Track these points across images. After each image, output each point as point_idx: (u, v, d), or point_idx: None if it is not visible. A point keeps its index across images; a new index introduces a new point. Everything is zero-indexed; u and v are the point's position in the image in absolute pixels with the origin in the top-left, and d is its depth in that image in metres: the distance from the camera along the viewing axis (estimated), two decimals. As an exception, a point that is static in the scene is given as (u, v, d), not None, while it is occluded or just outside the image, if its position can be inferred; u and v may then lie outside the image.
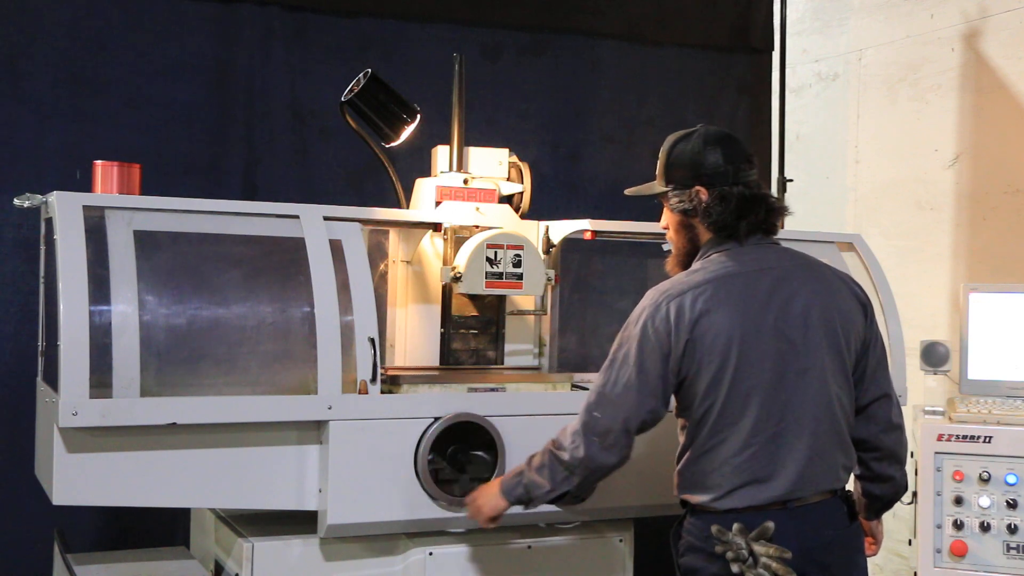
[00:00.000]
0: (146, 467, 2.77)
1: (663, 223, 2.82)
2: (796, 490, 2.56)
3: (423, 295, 3.40)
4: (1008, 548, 3.70)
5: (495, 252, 3.24)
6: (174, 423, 2.74)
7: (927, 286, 4.93)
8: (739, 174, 2.67)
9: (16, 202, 2.99)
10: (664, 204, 2.78)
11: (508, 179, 3.47)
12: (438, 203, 3.35)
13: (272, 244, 3.02)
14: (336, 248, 2.98)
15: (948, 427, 3.80)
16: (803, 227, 3.65)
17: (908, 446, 2.89)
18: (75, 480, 2.72)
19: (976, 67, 4.83)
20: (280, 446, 2.89)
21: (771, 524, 2.48)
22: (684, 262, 2.74)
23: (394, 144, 3.44)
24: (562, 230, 3.45)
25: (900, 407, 2.84)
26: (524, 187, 3.48)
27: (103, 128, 3.98)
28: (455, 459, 2.99)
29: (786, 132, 5.07)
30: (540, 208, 3.58)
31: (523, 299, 3.48)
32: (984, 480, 3.74)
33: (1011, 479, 3.72)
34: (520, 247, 3.27)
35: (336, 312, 2.89)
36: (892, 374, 3.43)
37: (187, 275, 3.00)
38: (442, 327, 3.39)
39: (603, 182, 4.73)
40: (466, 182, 3.39)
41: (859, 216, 5.35)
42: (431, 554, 3.02)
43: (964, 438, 3.77)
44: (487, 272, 3.23)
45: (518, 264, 3.27)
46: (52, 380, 2.84)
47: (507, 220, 3.42)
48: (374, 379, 2.92)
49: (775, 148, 5.02)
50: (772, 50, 5.13)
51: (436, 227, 3.32)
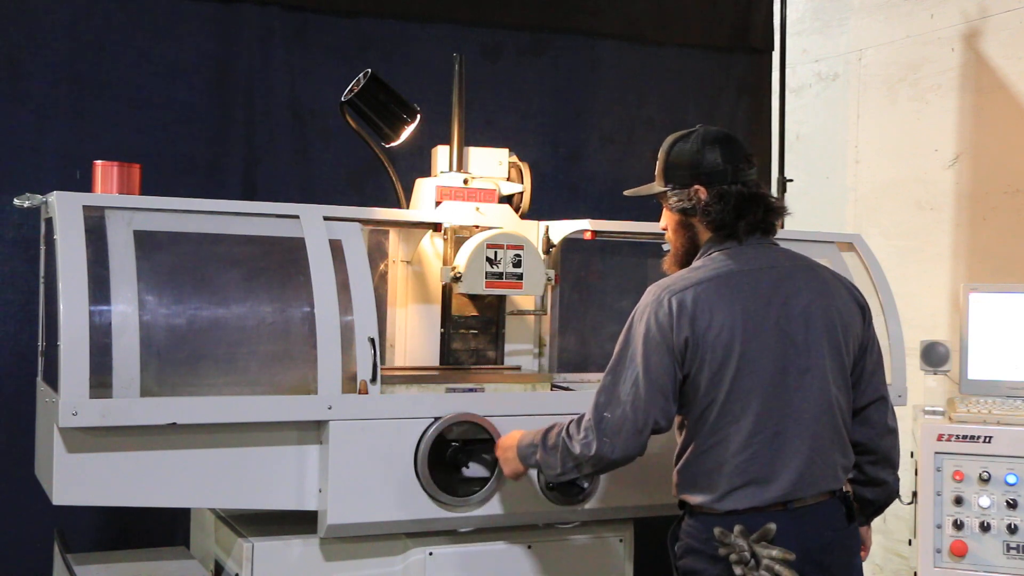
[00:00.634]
0: (146, 467, 2.77)
1: (662, 223, 2.82)
2: (796, 491, 2.55)
3: (423, 295, 3.39)
4: (1008, 548, 3.70)
5: (495, 252, 3.24)
6: (174, 423, 2.74)
7: (927, 286, 4.93)
8: (738, 173, 2.67)
9: (16, 202, 2.99)
10: (663, 204, 2.78)
11: (508, 179, 3.47)
12: (438, 203, 3.35)
13: (272, 244, 3.02)
14: (336, 248, 2.97)
15: (948, 427, 3.80)
16: (803, 227, 3.65)
17: (904, 447, 2.89)
18: (75, 480, 2.72)
19: (976, 67, 4.83)
20: (280, 446, 2.89)
21: (773, 526, 2.47)
22: (683, 262, 2.74)
23: (394, 144, 3.44)
24: (562, 230, 3.45)
25: (895, 411, 2.84)
26: (524, 187, 3.48)
27: (103, 128, 3.98)
28: (455, 459, 2.99)
29: (786, 132, 5.07)
30: (540, 208, 3.58)
31: (523, 299, 3.48)
32: (984, 480, 3.73)
33: (1011, 479, 3.72)
34: (520, 247, 3.27)
35: (336, 312, 2.88)
36: (892, 374, 3.46)
37: (187, 275, 3.00)
38: (442, 327, 3.39)
39: (603, 182, 4.73)
40: (466, 182, 3.39)
41: (859, 216, 5.35)
42: (431, 554, 3.02)
43: (964, 438, 3.77)
44: (487, 272, 3.23)
45: (518, 264, 3.27)
46: (52, 380, 2.84)
47: (507, 220, 3.42)
48: (374, 379, 2.92)
49: (775, 148, 5.02)
50: (772, 50, 5.13)
51: (436, 227, 3.32)
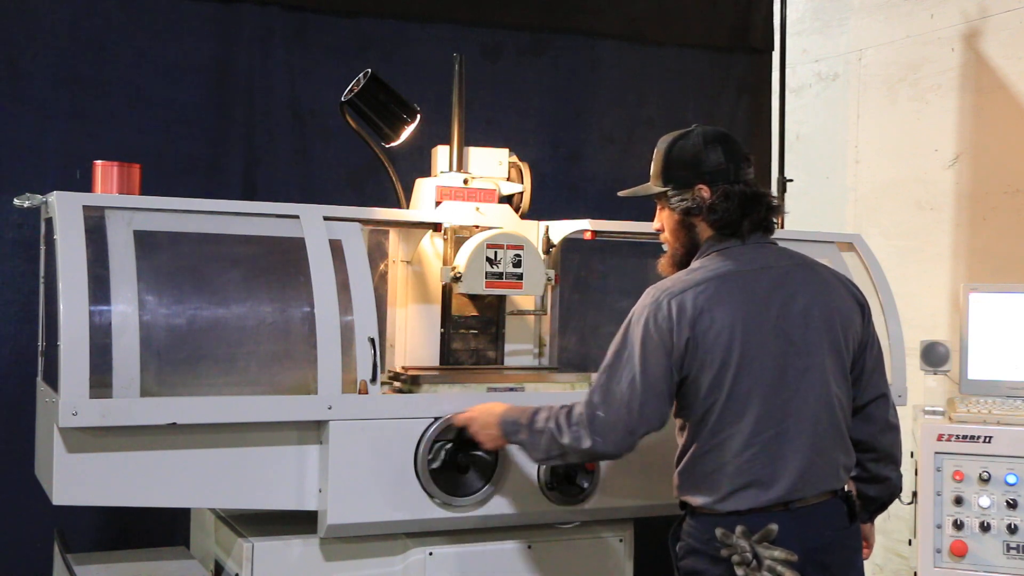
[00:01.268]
0: (146, 467, 2.77)
1: (657, 224, 2.79)
2: (797, 491, 2.55)
3: (423, 295, 3.39)
4: (1008, 548, 3.70)
5: (495, 252, 3.24)
6: (174, 423, 2.74)
7: (927, 286, 4.92)
8: (739, 172, 2.66)
9: (16, 202, 2.99)
10: (659, 205, 2.76)
11: (508, 179, 3.47)
12: (438, 203, 3.35)
13: (272, 244, 3.02)
14: (336, 248, 2.97)
15: (948, 427, 3.80)
16: (803, 227, 3.66)
17: (904, 447, 2.89)
18: (75, 480, 2.72)
19: (976, 67, 4.83)
20: (280, 446, 2.89)
21: (775, 527, 2.47)
22: (681, 263, 2.73)
23: (394, 144, 3.44)
24: (562, 230, 3.45)
25: (896, 408, 2.84)
26: (524, 187, 3.48)
27: (103, 128, 3.98)
28: (455, 459, 2.99)
29: (786, 132, 5.07)
30: (540, 208, 3.58)
31: (523, 299, 3.48)
32: (984, 480, 3.73)
33: (1011, 479, 3.72)
34: (520, 247, 3.27)
35: (336, 312, 2.88)
36: (892, 374, 3.45)
37: (187, 275, 3.00)
38: (442, 327, 3.39)
39: (603, 182, 4.72)
40: (466, 182, 3.39)
41: (859, 216, 5.35)
42: (431, 554, 3.02)
43: (964, 438, 3.77)
44: (487, 272, 3.23)
45: (518, 264, 3.26)
46: (52, 380, 2.84)
47: (507, 220, 3.42)
48: (374, 379, 2.92)
49: (775, 148, 5.02)
50: (772, 50, 5.13)
51: (436, 227, 3.32)
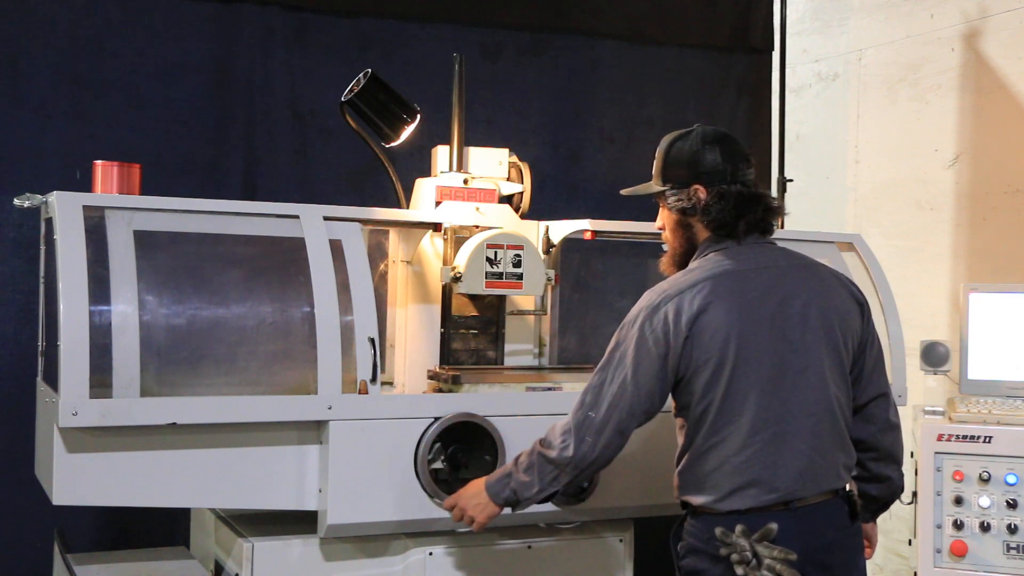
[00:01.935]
0: (146, 467, 2.77)
1: (658, 223, 2.81)
2: (798, 490, 2.55)
3: (423, 295, 3.39)
4: (1008, 548, 3.70)
5: (495, 252, 3.24)
6: (174, 423, 2.74)
7: (927, 286, 4.92)
8: (737, 173, 2.67)
9: (16, 202, 2.99)
10: (660, 204, 2.78)
11: (508, 179, 3.47)
12: (438, 203, 3.35)
13: (272, 244, 3.02)
14: (336, 248, 2.97)
15: (948, 427, 3.80)
16: (803, 227, 3.66)
17: (904, 446, 2.89)
18: (75, 480, 2.72)
19: (976, 67, 4.83)
20: (280, 446, 2.89)
21: (774, 526, 2.47)
22: (680, 262, 2.74)
23: (394, 144, 3.44)
24: (562, 230, 3.45)
25: (896, 407, 2.84)
26: (524, 187, 3.48)
27: (103, 128, 3.98)
28: (455, 459, 2.99)
29: (786, 132, 5.07)
30: (540, 208, 3.58)
31: (523, 299, 3.48)
32: (984, 480, 3.73)
33: (1011, 479, 3.72)
34: (520, 247, 3.27)
35: (336, 312, 2.88)
36: (892, 374, 3.45)
37: (187, 275, 3.00)
38: (442, 327, 3.39)
39: (603, 182, 4.72)
40: (466, 182, 3.39)
41: (859, 216, 5.35)
42: (431, 554, 3.02)
43: (964, 438, 3.77)
44: (487, 272, 3.23)
45: (518, 264, 3.26)
46: (52, 380, 2.84)
47: (507, 220, 3.41)
48: (374, 379, 2.92)
49: (775, 148, 5.02)
50: (772, 50, 5.13)
51: (436, 227, 3.31)
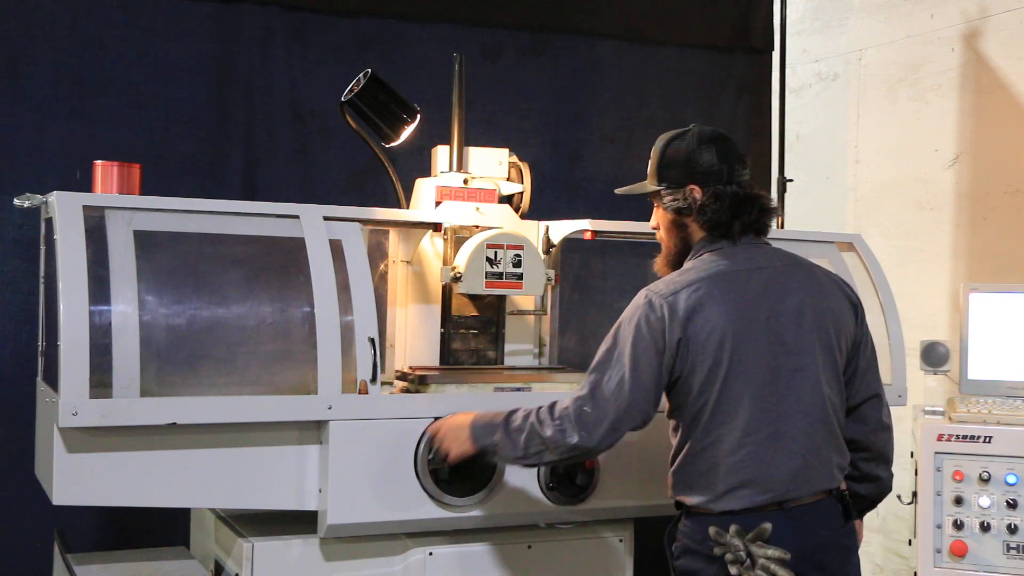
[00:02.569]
0: (146, 467, 2.77)
1: (653, 223, 2.81)
2: (792, 490, 2.55)
3: (423, 295, 3.39)
4: (1008, 548, 3.70)
5: (495, 252, 3.24)
6: (174, 423, 2.74)
7: (927, 286, 4.93)
8: (733, 173, 2.67)
9: (16, 202, 2.99)
10: (655, 203, 2.78)
11: (508, 179, 3.47)
12: (438, 203, 3.35)
13: (272, 244, 3.02)
14: (336, 248, 2.97)
15: (948, 427, 3.80)
16: (803, 227, 3.66)
17: (904, 447, 2.89)
18: (75, 480, 2.72)
19: (976, 67, 4.83)
20: (280, 446, 2.89)
21: (768, 525, 2.48)
22: (675, 262, 2.74)
23: (394, 144, 3.44)
24: (562, 230, 3.45)
25: (889, 408, 2.84)
26: (524, 187, 3.48)
27: (103, 128, 3.98)
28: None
29: (786, 132, 5.07)
30: (540, 208, 3.58)
31: (523, 299, 3.48)
32: (984, 480, 3.73)
33: (1011, 479, 3.72)
34: (520, 247, 3.27)
35: (336, 312, 2.88)
36: (892, 374, 3.46)
37: (187, 275, 2.99)
38: (442, 327, 3.39)
39: (603, 182, 4.72)
40: (466, 182, 3.39)
41: (859, 216, 5.35)
42: (431, 554, 3.02)
43: (964, 438, 3.77)
44: (487, 272, 3.23)
45: (518, 264, 3.26)
46: (52, 380, 2.84)
47: (507, 220, 3.41)
48: (374, 379, 2.92)
49: (775, 148, 5.02)
50: (772, 50, 5.13)
51: (436, 227, 3.31)
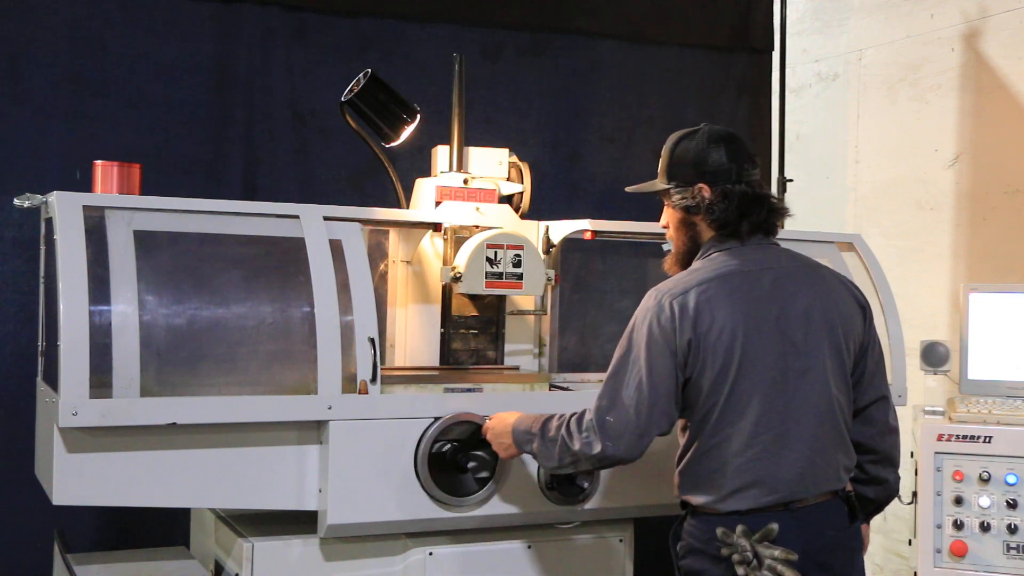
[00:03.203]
0: (146, 467, 2.77)
1: (663, 221, 2.82)
2: (798, 491, 2.55)
3: (423, 295, 3.39)
4: (1008, 548, 3.70)
5: (495, 252, 3.24)
6: (174, 423, 2.74)
7: (927, 286, 4.92)
8: (742, 173, 2.67)
9: (16, 202, 2.99)
10: (665, 202, 2.78)
11: (508, 179, 3.47)
12: (438, 203, 3.35)
13: (272, 244, 3.02)
14: (336, 248, 2.97)
15: (948, 427, 3.80)
16: (803, 227, 3.64)
17: (904, 447, 2.89)
18: (75, 480, 2.72)
19: (976, 67, 4.83)
20: (280, 446, 2.89)
21: (775, 526, 2.48)
22: (684, 261, 2.74)
23: (394, 144, 3.44)
24: (562, 230, 3.45)
25: (896, 410, 2.84)
26: (524, 187, 3.48)
27: (103, 128, 3.97)
28: (455, 459, 2.99)
29: (786, 132, 5.07)
30: (540, 208, 3.58)
31: (523, 299, 3.47)
32: (984, 480, 3.73)
33: (1011, 479, 3.72)
34: (520, 247, 3.27)
35: (336, 312, 2.88)
36: (892, 374, 3.45)
37: (187, 275, 3.00)
38: (442, 327, 3.39)
39: (603, 182, 4.72)
40: (466, 182, 3.38)
41: (859, 216, 5.35)
42: (431, 554, 3.02)
43: (964, 438, 3.77)
44: (487, 272, 3.23)
45: (518, 264, 3.26)
46: (52, 380, 2.84)
47: (507, 220, 3.41)
48: (374, 379, 2.92)
49: (775, 148, 5.02)
50: (772, 50, 5.13)
51: (436, 227, 3.31)
